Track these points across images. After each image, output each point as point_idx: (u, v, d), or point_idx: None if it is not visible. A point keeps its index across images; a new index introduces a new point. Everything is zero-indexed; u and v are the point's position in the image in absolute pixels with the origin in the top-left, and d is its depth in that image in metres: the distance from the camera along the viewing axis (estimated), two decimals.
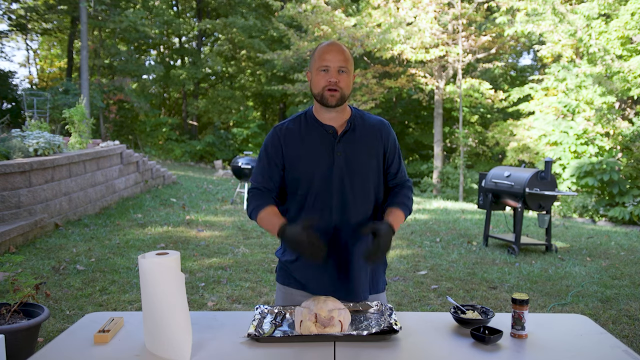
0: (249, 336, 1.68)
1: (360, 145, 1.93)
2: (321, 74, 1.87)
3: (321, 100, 1.88)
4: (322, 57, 1.87)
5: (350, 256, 1.92)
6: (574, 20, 12.40)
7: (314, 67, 1.89)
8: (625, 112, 13.71)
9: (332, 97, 1.86)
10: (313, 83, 1.90)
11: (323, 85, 1.86)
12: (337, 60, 1.85)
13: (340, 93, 1.87)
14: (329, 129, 1.91)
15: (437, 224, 8.35)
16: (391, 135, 2.00)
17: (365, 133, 1.95)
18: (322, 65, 1.86)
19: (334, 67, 1.85)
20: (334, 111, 1.92)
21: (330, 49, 1.87)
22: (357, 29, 15.80)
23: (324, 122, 1.93)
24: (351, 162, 1.90)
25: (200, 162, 22.17)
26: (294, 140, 1.93)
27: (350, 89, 1.91)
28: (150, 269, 1.56)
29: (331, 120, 1.93)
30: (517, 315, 1.73)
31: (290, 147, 1.93)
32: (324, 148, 1.90)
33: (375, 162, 1.95)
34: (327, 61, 1.85)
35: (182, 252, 5.86)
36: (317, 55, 1.89)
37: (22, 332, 2.85)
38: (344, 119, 1.95)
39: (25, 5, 20.15)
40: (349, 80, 1.89)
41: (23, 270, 4.70)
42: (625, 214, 10.98)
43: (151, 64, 23.19)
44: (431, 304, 4.38)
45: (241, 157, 9.22)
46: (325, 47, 1.89)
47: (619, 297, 4.64)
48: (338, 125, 1.93)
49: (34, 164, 6.08)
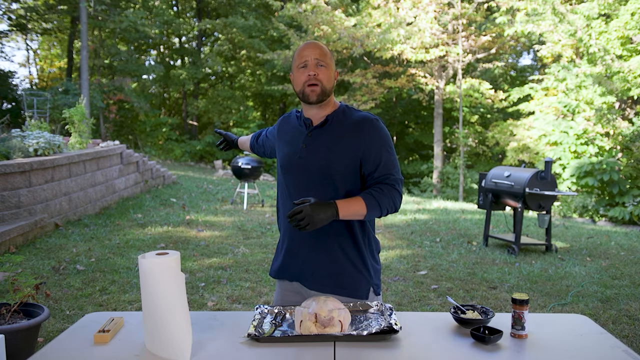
0: (249, 336, 1.68)
1: (329, 139, 1.89)
2: (301, 71, 1.90)
3: (303, 97, 1.91)
4: (300, 54, 1.91)
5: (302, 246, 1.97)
6: (574, 20, 12.41)
7: (294, 66, 1.94)
8: (625, 112, 13.71)
9: (312, 92, 1.88)
10: (295, 82, 1.94)
11: (303, 81, 1.89)
12: (314, 54, 1.88)
13: (321, 87, 1.87)
14: (307, 121, 1.97)
15: (437, 224, 8.35)
16: (373, 131, 1.88)
17: (340, 129, 1.90)
18: (301, 62, 1.90)
19: (311, 61, 1.88)
20: (316, 107, 1.94)
21: (307, 46, 1.92)
22: (357, 29, 15.80)
23: (305, 117, 1.99)
24: (314, 155, 1.90)
25: (200, 162, 22.17)
26: (284, 128, 2.09)
27: (331, 84, 1.91)
28: (150, 269, 1.56)
29: (313, 116, 1.97)
30: (517, 315, 1.73)
31: (279, 133, 2.11)
32: (295, 140, 1.98)
33: (345, 158, 1.87)
34: (304, 57, 1.89)
35: (182, 252, 5.86)
36: (296, 54, 1.94)
37: (22, 332, 2.85)
38: (324, 114, 1.96)
39: (25, 5, 20.15)
40: (329, 75, 1.90)
41: (23, 270, 4.70)
42: (625, 214, 10.99)
43: (151, 64, 23.20)
44: (431, 304, 4.38)
45: (241, 157, 9.22)
46: (302, 46, 1.94)
47: (619, 297, 4.64)
48: (316, 120, 1.97)
49: (34, 164, 6.08)
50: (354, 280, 1.95)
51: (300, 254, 1.97)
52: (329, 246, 1.93)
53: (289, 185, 1.98)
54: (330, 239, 1.93)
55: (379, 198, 1.84)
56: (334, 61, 1.96)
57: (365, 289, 1.97)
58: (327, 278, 1.95)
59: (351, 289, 1.95)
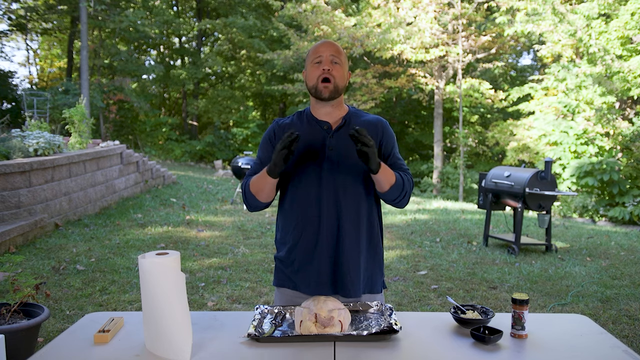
0: (249, 336, 1.68)
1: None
2: (315, 66, 1.91)
3: (315, 93, 1.92)
4: (315, 51, 1.93)
5: (341, 250, 1.90)
6: (574, 20, 12.41)
7: (308, 62, 1.95)
8: (625, 112, 13.72)
9: (325, 88, 1.89)
10: (308, 77, 1.95)
11: (317, 76, 1.90)
12: (329, 50, 1.91)
13: (334, 83, 1.89)
14: (323, 124, 1.94)
15: (437, 224, 8.35)
16: (387, 132, 1.98)
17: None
18: (316, 58, 1.91)
19: (326, 57, 1.90)
20: (329, 106, 1.94)
21: (323, 43, 1.94)
22: (357, 29, 15.80)
23: (319, 117, 1.96)
24: (343, 157, 1.90)
25: (200, 162, 22.17)
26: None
27: (344, 83, 1.93)
28: (150, 269, 1.56)
29: (327, 116, 1.95)
30: (517, 315, 1.73)
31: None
32: (316, 143, 1.92)
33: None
34: (319, 52, 1.91)
35: (182, 252, 5.86)
36: (311, 51, 1.95)
37: (22, 332, 2.85)
38: (339, 115, 1.97)
39: (25, 5, 20.15)
40: (342, 73, 1.92)
41: (23, 270, 4.70)
42: (625, 214, 10.99)
43: (151, 64, 23.20)
44: (431, 304, 4.38)
45: (241, 157, 9.23)
46: (317, 43, 1.96)
47: (619, 297, 4.64)
48: (333, 121, 1.95)
49: (34, 164, 6.08)
50: (376, 275, 2.02)
51: (344, 260, 1.91)
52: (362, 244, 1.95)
53: (312, 187, 1.90)
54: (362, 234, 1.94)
55: (405, 178, 1.94)
56: (347, 62, 1.98)
57: (380, 281, 2.04)
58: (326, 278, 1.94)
59: (372, 285, 2.01)
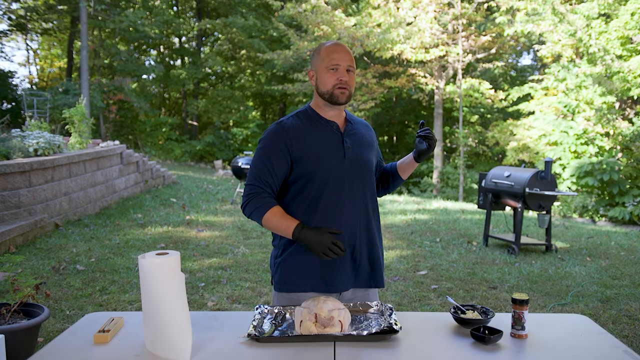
0: (249, 336, 1.68)
1: (361, 139, 2.04)
2: (330, 72, 1.92)
3: (330, 98, 1.93)
4: (331, 56, 1.92)
5: (372, 242, 2.03)
6: (574, 20, 12.41)
7: (322, 65, 1.93)
8: (625, 112, 13.71)
9: (342, 94, 1.93)
10: (320, 81, 1.94)
11: (333, 84, 1.91)
12: (345, 59, 1.93)
13: (349, 91, 1.94)
14: (332, 124, 1.98)
15: (437, 224, 8.35)
16: (373, 131, 2.19)
17: (360, 129, 2.07)
18: (332, 64, 1.91)
19: (343, 66, 1.92)
20: (337, 109, 1.99)
21: (338, 48, 1.94)
22: (357, 28, 15.80)
23: (328, 118, 2.00)
24: (358, 154, 1.99)
25: (200, 162, 22.17)
26: (301, 135, 1.92)
27: (354, 88, 2.00)
28: (150, 269, 1.56)
29: (334, 117, 2.00)
30: (517, 315, 1.73)
31: (298, 142, 1.90)
32: (333, 143, 1.95)
33: (373, 155, 2.09)
34: (336, 60, 1.91)
35: (182, 252, 5.86)
36: (325, 54, 1.93)
37: (22, 332, 2.85)
38: (343, 115, 2.04)
39: (25, 5, 20.14)
40: (354, 80, 1.98)
41: (23, 270, 4.70)
42: (625, 214, 10.99)
43: (151, 64, 23.20)
44: (431, 304, 4.38)
45: (241, 157, 9.23)
46: (332, 46, 1.94)
47: (619, 297, 4.64)
48: (339, 122, 2.02)
49: (34, 164, 6.08)
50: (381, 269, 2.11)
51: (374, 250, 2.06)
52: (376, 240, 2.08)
53: (335, 187, 1.91)
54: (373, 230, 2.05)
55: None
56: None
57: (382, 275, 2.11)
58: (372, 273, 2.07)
59: (378, 279, 2.07)
